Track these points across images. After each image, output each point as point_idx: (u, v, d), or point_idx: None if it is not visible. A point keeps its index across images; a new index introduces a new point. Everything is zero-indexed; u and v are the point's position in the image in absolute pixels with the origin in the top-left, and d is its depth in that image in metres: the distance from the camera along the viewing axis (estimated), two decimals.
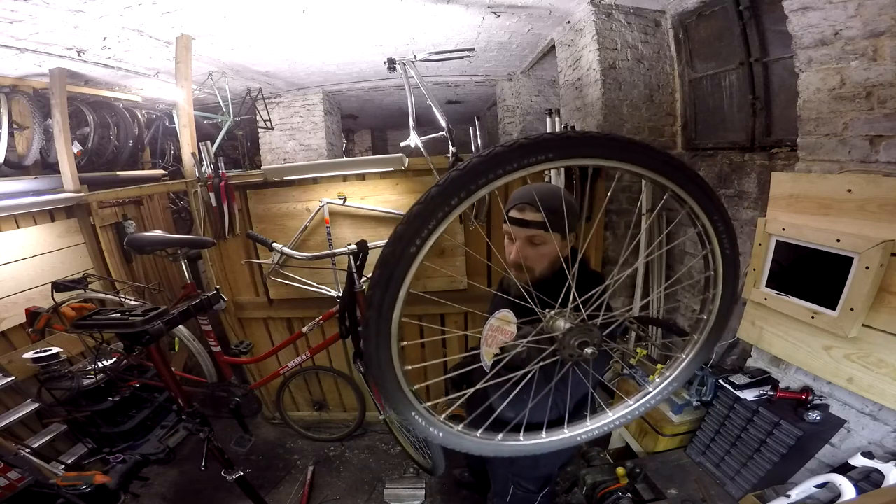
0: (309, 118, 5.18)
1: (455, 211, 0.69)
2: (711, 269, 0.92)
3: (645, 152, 0.77)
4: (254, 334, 2.67)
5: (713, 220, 0.85)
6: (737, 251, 0.91)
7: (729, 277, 0.92)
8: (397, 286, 0.71)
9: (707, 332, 0.99)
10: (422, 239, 0.69)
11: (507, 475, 1.48)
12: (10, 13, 2.25)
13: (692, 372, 1.07)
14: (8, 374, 2.12)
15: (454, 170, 0.69)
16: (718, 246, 0.88)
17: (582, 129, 0.76)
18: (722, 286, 0.93)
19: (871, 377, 1.33)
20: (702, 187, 0.82)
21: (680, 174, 0.80)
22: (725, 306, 0.96)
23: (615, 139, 0.75)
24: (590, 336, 0.85)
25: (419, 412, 0.86)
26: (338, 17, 2.86)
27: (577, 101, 3.08)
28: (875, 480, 1.25)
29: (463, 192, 0.68)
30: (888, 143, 1.33)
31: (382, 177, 2.37)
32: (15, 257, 2.33)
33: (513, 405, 0.94)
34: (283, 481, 2.44)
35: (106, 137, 3.77)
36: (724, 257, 0.89)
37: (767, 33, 2.11)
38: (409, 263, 0.70)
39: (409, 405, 0.85)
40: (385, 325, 0.74)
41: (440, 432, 0.91)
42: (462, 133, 2.25)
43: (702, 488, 1.60)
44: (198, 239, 2.16)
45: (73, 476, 1.68)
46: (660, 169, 0.78)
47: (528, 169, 0.70)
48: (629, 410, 1.07)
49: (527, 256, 1.11)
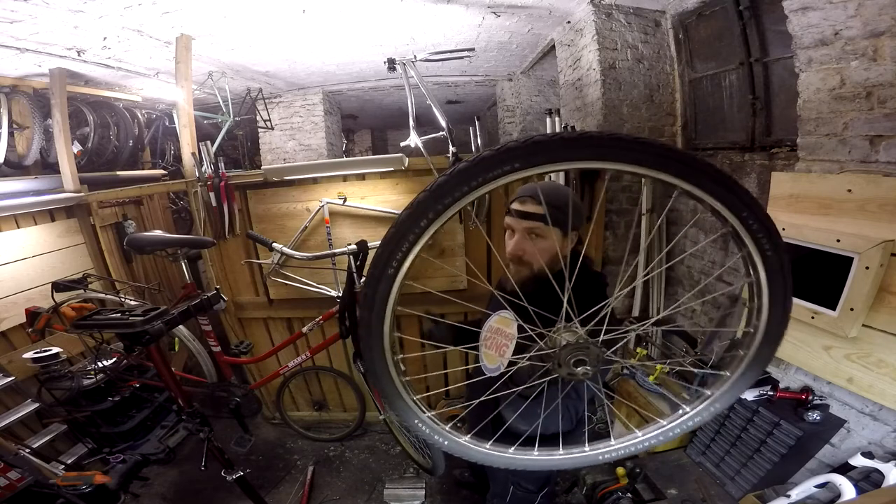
0: (309, 118, 5.18)
1: (427, 231, 0.72)
2: (752, 275, 0.78)
3: (631, 147, 0.67)
4: (254, 334, 2.67)
5: (743, 218, 0.73)
6: (782, 251, 0.76)
7: (777, 284, 0.77)
8: (382, 305, 0.76)
9: (755, 347, 0.84)
10: (398, 261, 0.73)
11: (506, 476, 1.48)
12: (10, 13, 2.25)
13: (739, 392, 0.90)
14: (8, 374, 2.12)
15: (421, 192, 0.70)
16: (756, 248, 0.75)
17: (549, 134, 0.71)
18: (768, 296, 0.78)
19: (871, 377, 1.33)
20: (719, 180, 0.70)
21: (686, 168, 0.68)
22: (776, 320, 0.81)
23: (591, 137, 0.67)
24: (587, 354, 0.81)
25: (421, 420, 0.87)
26: (338, 17, 2.86)
27: (577, 101, 3.08)
28: (875, 480, 1.25)
29: (431, 213, 0.70)
30: (888, 143, 1.33)
31: (382, 177, 2.37)
32: (15, 257, 2.33)
33: (522, 417, 0.94)
34: (283, 481, 2.44)
35: (106, 137, 3.77)
36: (766, 260, 0.75)
37: (767, 33, 2.10)
38: (390, 284, 0.74)
39: (410, 410, 0.85)
40: (378, 342, 0.78)
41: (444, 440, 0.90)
42: (462, 133, 2.25)
43: (702, 488, 1.60)
44: (198, 239, 2.16)
45: (73, 476, 1.68)
46: (658, 164, 0.68)
47: (496, 182, 0.68)
48: (661, 431, 0.94)
49: (525, 250, 1.10)
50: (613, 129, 2.74)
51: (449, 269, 2.20)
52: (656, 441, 0.94)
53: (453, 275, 2.24)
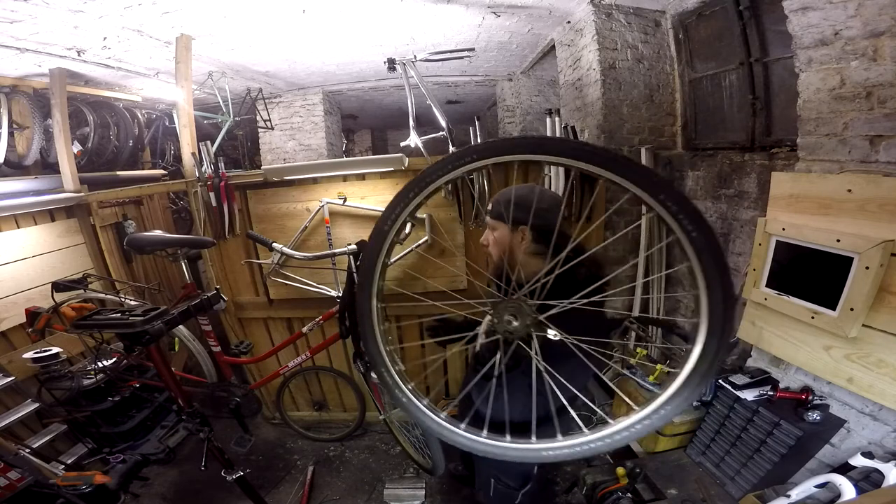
0: (309, 118, 5.18)
1: (414, 201, 0.98)
2: (687, 259, 0.77)
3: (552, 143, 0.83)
4: (254, 334, 2.67)
5: (661, 201, 0.76)
6: (708, 231, 0.74)
7: (709, 266, 0.75)
8: (376, 255, 1.03)
9: (702, 340, 0.78)
10: (392, 220, 1.01)
11: (488, 470, 1.50)
12: (10, 13, 2.25)
13: (693, 394, 0.82)
14: (8, 374, 2.12)
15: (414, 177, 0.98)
16: (681, 230, 0.75)
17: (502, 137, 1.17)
18: (703, 280, 0.76)
19: (871, 377, 1.33)
20: (629, 166, 0.80)
21: (597, 157, 0.82)
22: (716, 307, 0.76)
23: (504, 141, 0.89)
24: (517, 310, 0.93)
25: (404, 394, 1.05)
26: (338, 17, 2.86)
27: (577, 101, 3.08)
28: (875, 480, 1.25)
29: (416, 189, 0.97)
30: (888, 143, 1.33)
31: (382, 177, 2.37)
32: (15, 257, 2.33)
33: (483, 399, 1.03)
34: (283, 481, 2.44)
35: (106, 137, 3.77)
36: (693, 241, 0.75)
37: (767, 33, 2.10)
38: (383, 238, 1.02)
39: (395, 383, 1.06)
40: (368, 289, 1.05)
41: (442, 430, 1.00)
42: (462, 133, 2.26)
43: (702, 488, 1.60)
44: (198, 239, 2.16)
45: (73, 476, 1.67)
46: (574, 155, 0.84)
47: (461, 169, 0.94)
48: (608, 433, 0.88)
49: (487, 241, 1.31)
50: (614, 130, 2.74)
51: (449, 269, 2.20)
52: (603, 445, 0.89)
53: (454, 274, 2.24)
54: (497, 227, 1.26)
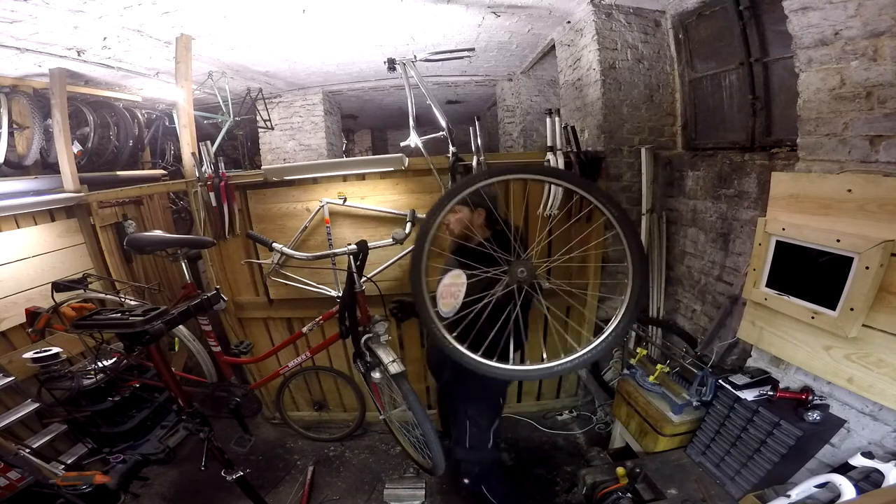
0: (309, 118, 5.18)
1: (448, 204, 1.49)
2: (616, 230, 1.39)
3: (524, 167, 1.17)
4: (254, 334, 2.67)
5: (596, 197, 1.38)
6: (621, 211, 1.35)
7: (627, 233, 1.35)
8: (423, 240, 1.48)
9: (630, 278, 1.37)
10: (433, 214, 1.49)
11: (464, 417, 1.83)
12: (10, 13, 2.25)
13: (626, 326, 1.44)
14: (8, 374, 2.12)
15: (447, 190, 1.40)
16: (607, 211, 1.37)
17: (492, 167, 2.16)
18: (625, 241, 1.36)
19: (871, 377, 1.32)
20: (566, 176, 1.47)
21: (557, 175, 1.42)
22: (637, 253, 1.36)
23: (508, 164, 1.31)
24: (526, 266, 1.47)
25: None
26: (338, 17, 2.85)
27: (577, 101, 3.07)
28: (875, 480, 1.25)
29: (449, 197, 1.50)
30: (888, 143, 1.33)
31: (382, 177, 2.38)
32: (15, 257, 2.33)
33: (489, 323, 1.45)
34: (283, 481, 2.44)
35: (106, 137, 3.77)
36: (616, 219, 1.36)
37: (767, 33, 2.10)
38: (429, 227, 1.48)
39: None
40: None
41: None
42: (462, 133, 2.25)
43: (702, 488, 1.60)
44: (198, 239, 2.17)
45: (73, 476, 1.68)
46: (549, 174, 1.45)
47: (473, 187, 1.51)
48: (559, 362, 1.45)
49: (449, 221, 1.73)
50: (614, 130, 2.74)
51: None
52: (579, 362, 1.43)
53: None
54: (457, 209, 1.70)
